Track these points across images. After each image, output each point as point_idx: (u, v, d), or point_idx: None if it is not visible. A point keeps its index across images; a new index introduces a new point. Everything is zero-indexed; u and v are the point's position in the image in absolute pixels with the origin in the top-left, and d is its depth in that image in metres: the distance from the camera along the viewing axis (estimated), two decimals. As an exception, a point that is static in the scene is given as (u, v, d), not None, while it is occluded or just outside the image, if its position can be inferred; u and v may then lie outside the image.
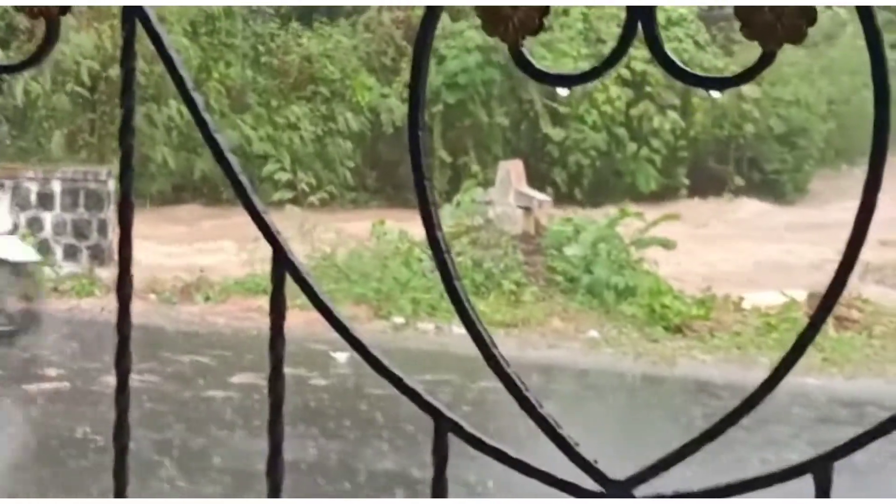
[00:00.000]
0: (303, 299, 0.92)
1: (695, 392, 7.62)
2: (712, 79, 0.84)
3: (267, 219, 0.89)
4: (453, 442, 0.86)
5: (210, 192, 14.36)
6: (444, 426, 0.84)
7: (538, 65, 0.81)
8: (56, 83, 14.35)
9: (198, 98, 0.88)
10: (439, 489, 0.85)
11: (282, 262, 0.89)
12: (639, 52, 0.81)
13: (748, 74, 0.81)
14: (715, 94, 0.84)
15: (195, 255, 11.42)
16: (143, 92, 13.98)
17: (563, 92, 0.83)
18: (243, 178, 0.89)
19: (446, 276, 0.83)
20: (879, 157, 0.82)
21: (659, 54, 0.82)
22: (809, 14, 0.77)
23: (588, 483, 0.83)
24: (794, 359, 0.84)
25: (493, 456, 0.84)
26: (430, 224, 0.83)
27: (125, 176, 0.92)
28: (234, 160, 0.89)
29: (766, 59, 0.79)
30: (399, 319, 9.19)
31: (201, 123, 0.88)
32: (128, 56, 0.89)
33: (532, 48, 0.81)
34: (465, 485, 4.74)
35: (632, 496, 0.83)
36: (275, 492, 0.89)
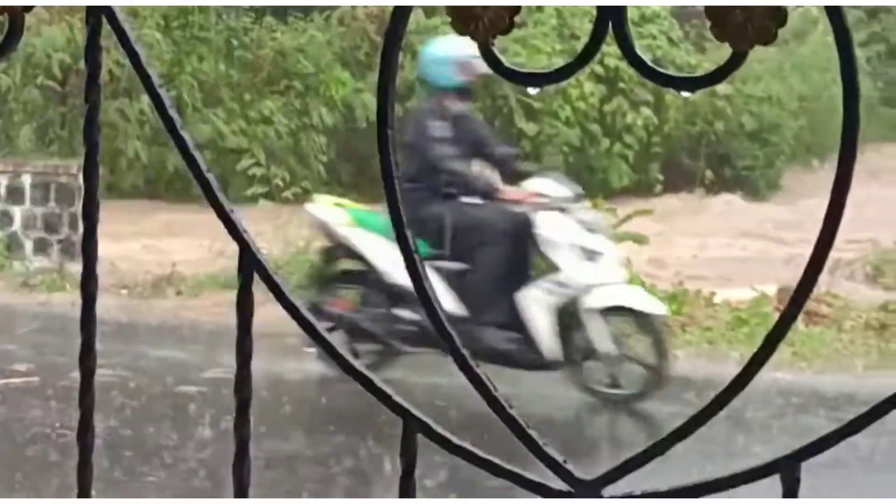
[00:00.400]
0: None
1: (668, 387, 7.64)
2: (683, 79, 0.84)
3: (234, 216, 0.88)
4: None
5: (183, 188, 14.27)
6: (412, 426, 0.84)
7: (509, 63, 0.80)
8: (27, 76, 14.22)
9: (164, 95, 0.87)
10: (408, 489, 0.85)
11: (249, 261, 0.88)
12: (612, 49, 0.82)
13: (719, 74, 0.81)
14: (685, 93, 0.84)
15: (161, 250, 11.35)
16: (116, 86, 13.88)
17: (532, 90, 0.83)
18: (209, 176, 0.89)
19: (416, 277, 0.82)
20: (849, 155, 0.82)
21: (630, 54, 0.81)
22: (779, 15, 0.77)
23: (557, 483, 0.83)
24: (765, 356, 0.84)
25: (461, 456, 0.83)
26: (399, 222, 0.83)
27: (90, 172, 0.91)
28: (200, 157, 0.88)
29: (736, 60, 0.79)
30: (372, 314, 9.17)
31: (167, 120, 0.87)
32: (92, 51, 0.88)
33: (506, 44, 0.80)
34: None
35: (600, 496, 0.82)
36: (241, 492, 0.88)
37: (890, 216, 12.01)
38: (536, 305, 6.44)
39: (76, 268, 10.25)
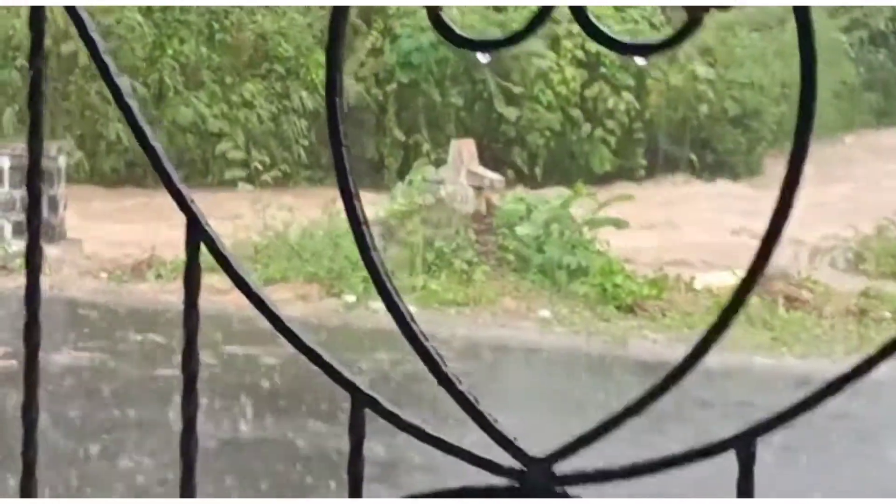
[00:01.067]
0: (259, 274, 0.90)
1: (643, 372, 7.67)
2: (639, 45, 0.83)
3: (182, 188, 0.87)
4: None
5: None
6: (360, 402, 0.82)
7: (458, 31, 0.79)
8: (6, 59, 14.10)
9: (110, 61, 0.85)
10: (356, 465, 0.83)
11: (196, 232, 0.87)
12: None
13: (674, 40, 0.79)
14: (640, 60, 0.83)
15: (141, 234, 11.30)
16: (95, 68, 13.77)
17: (483, 58, 0.81)
18: (157, 145, 0.87)
19: (363, 246, 0.81)
20: (804, 133, 0.81)
21: (584, 21, 0.80)
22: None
23: (509, 461, 0.82)
24: (716, 335, 0.83)
25: (410, 433, 0.82)
26: (348, 193, 0.81)
27: (34, 142, 0.89)
28: (147, 129, 0.86)
29: (692, 25, 0.78)
30: (351, 298, 9.16)
31: (113, 87, 0.85)
32: (37, 18, 0.86)
33: (487, 28, 0.79)
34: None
35: (552, 473, 0.81)
36: (188, 469, 0.86)
37: (871, 203, 12.05)
38: None
39: (55, 251, 10.19)
